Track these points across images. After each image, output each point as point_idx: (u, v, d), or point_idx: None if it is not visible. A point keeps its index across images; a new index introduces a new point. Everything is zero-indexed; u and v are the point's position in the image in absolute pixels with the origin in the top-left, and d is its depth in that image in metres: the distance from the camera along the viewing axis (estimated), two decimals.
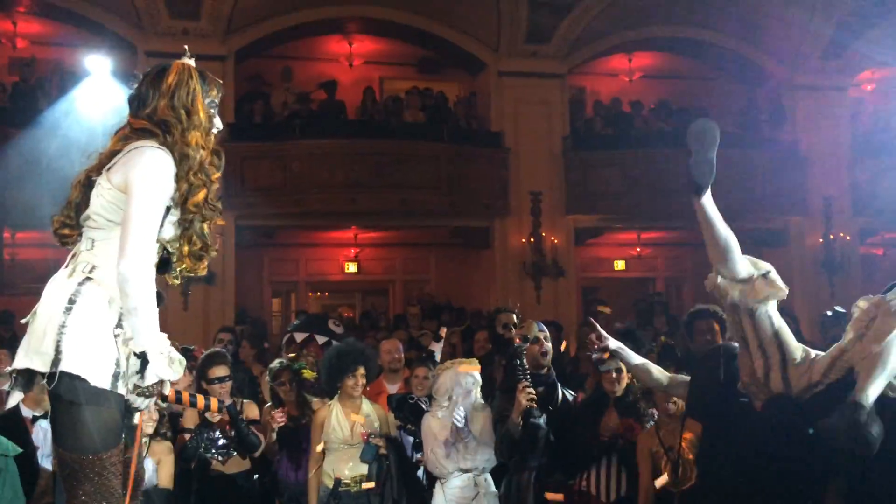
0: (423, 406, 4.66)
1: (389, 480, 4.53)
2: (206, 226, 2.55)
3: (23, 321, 2.46)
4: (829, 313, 7.60)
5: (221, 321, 10.33)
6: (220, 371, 4.80)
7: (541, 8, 12.28)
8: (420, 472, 4.77)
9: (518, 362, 4.34)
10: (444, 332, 6.94)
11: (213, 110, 2.61)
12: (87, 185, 2.50)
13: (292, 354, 5.51)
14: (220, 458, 4.76)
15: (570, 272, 12.70)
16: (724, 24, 13.14)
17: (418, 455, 4.67)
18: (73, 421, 2.31)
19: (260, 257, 14.06)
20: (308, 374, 5.24)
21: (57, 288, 2.40)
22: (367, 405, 4.76)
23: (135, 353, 2.37)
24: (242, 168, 11.65)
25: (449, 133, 12.39)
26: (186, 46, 2.69)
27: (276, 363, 5.31)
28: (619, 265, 15.56)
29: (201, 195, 2.50)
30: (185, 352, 5.10)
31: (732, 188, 12.66)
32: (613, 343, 3.94)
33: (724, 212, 3.41)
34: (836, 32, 12.81)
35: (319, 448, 4.66)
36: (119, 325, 2.38)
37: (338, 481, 4.52)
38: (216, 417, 4.71)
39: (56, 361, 2.29)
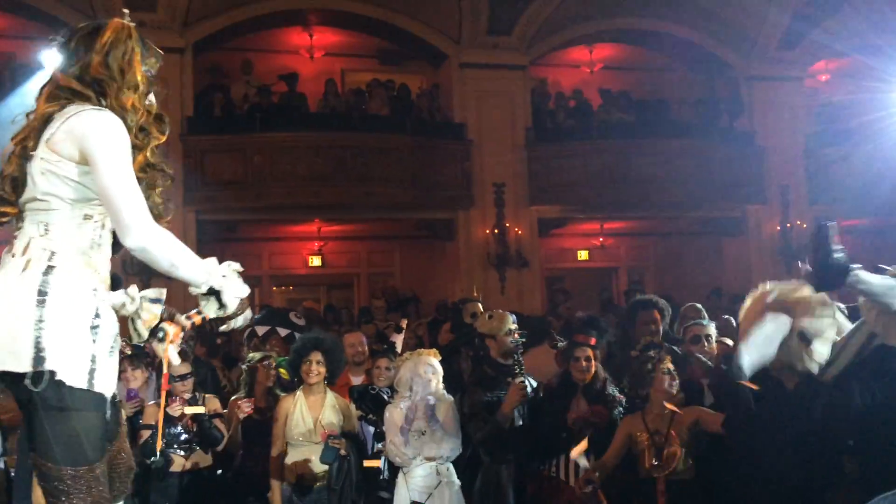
0: (385, 397, 4.68)
1: (349, 480, 4.53)
2: (155, 193, 2.37)
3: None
4: None
5: None
6: (182, 369, 4.74)
7: None
8: (383, 464, 4.78)
9: (515, 359, 4.40)
10: (404, 323, 6.94)
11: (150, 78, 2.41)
12: (23, 156, 2.25)
13: (257, 354, 5.47)
14: (182, 453, 4.72)
15: (534, 263, 12.78)
16: (682, 15, 13.30)
17: (379, 445, 4.69)
18: (63, 429, 2.10)
19: (222, 252, 13.79)
20: (284, 373, 5.21)
21: (14, 281, 2.13)
22: (331, 397, 4.74)
23: (205, 294, 2.30)
24: (203, 162, 11.51)
25: (412, 125, 12.37)
26: (126, 10, 2.52)
27: (257, 354, 5.29)
28: (583, 255, 15.70)
29: (140, 158, 2.31)
30: (139, 349, 5.07)
31: (692, 178, 12.89)
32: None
33: (684, 201, 3.50)
34: (793, 22, 13.04)
35: (279, 441, 4.64)
36: (97, 316, 2.18)
37: (300, 478, 4.51)
38: (177, 412, 4.67)
39: (39, 360, 2.06)
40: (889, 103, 11.55)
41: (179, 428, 4.72)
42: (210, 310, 2.36)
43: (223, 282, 2.32)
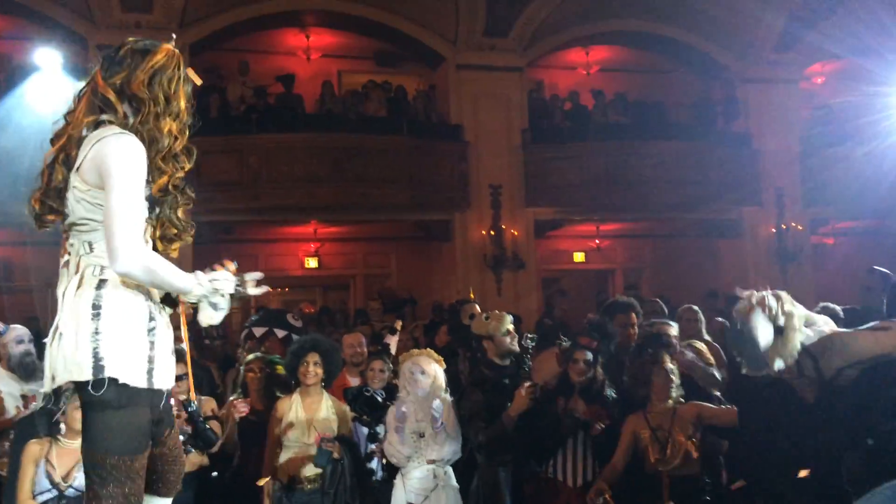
0: (378, 398, 4.69)
1: (343, 483, 4.52)
2: (178, 212, 2.52)
3: (44, 341, 2.42)
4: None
5: (180, 318, 10.17)
6: (178, 369, 4.73)
7: (499, 1, 12.33)
8: (375, 465, 4.78)
9: (525, 361, 4.41)
10: (399, 325, 6.95)
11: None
12: (66, 165, 2.39)
13: (252, 355, 5.46)
14: None
15: (530, 264, 12.79)
16: (679, 17, 13.33)
17: (372, 446, 4.70)
18: (114, 422, 2.31)
19: (218, 253, 13.77)
20: (281, 369, 5.21)
21: (74, 299, 2.33)
22: (327, 399, 4.74)
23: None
24: (199, 163, 11.35)
25: (409, 127, 12.38)
26: (174, 35, 2.65)
27: (251, 355, 5.27)
28: (579, 257, 15.72)
29: (163, 180, 2.43)
30: None
31: (688, 180, 12.91)
32: None
33: (680, 203, 3.56)
34: (789, 25, 13.08)
35: (274, 441, 4.64)
36: (152, 319, 2.39)
37: (292, 479, 4.50)
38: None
39: (99, 368, 2.26)
40: (884, 105, 11.58)
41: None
42: (204, 317, 2.49)
43: (210, 288, 2.44)
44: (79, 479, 4.26)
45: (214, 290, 2.44)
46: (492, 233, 12.55)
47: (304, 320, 7.75)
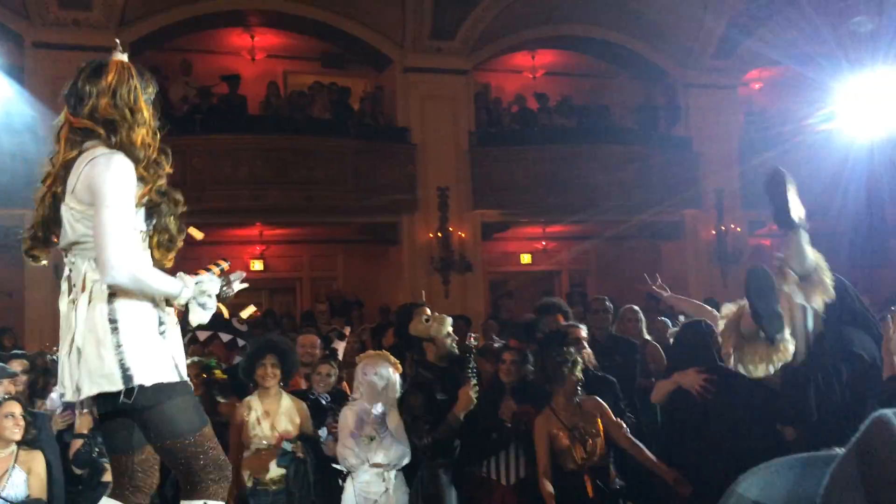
0: (323, 402, 4.66)
1: (306, 482, 4.49)
2: (171, 219, 2.67)
3: (52, 356, 2.64)
4: None
5: None
6: None
7: (445, 4, 12.35)
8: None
9: (470, 361, 4.42)
10: (347, 331, 6.92)
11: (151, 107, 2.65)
12: (54, 201, 2.57)
13: (196, 357, 5.37)
14: None
15: (477, 267, 12.85)
16: (623, 23, 13.56)
17: (322, 443, 4.67)
18: (165, 417, 2.51)
19: None
20: (219, 373, 5.13)
21: (88, 314, 2.48)
22: (286, 399, 4.69)
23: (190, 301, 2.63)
24: None
25: (355, 129, 12.31)
26: (118, 40, 2.72)
27: (187, 360, 5.15)
28: (526, 259, 15.86)
29: (146, 189, 2.57)
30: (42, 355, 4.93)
31: (632, 183, 13.14)
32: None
33: (625, 206, 3.68)
34: (728, 31, 13.42)
35: (236, 448, 4.58)
36: (162, 323, 2.56)
37: (256, 481, 4.46)
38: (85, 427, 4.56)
39: (128, 378, 2.43)
40: (818, 111, 11.97)
41: None
42: (194, 317, 2.68)
43: (197, 290, 2.62)
44: (8, 489, 4.13)
45: (201, 292, 2.62)
46: (439, 235, 12.57)
47: (249, 324, 7.63)
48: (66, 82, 2.64)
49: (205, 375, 5.06)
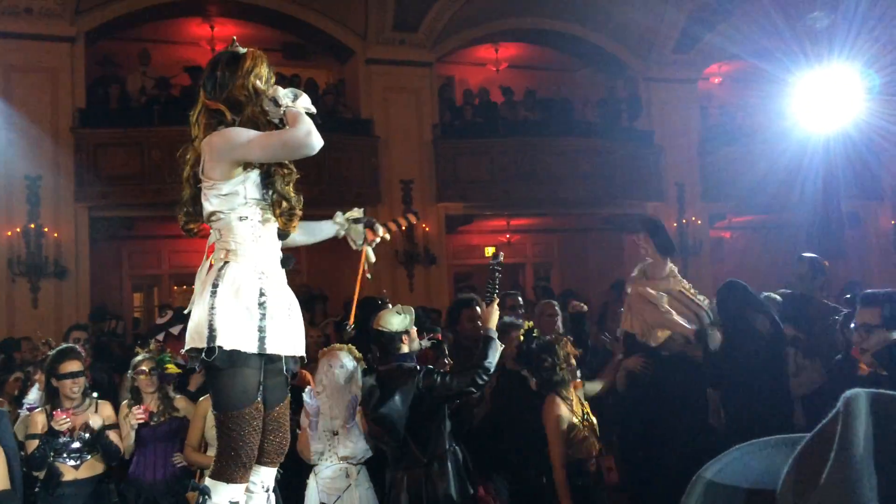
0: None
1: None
2: (287, 188, 2.86)
3: (185, 311, 2.89)
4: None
5: (75, 319, 9.74)
6: (73, 366, 4.56)
7: None
8: None
9: (491, 284, 4.37)
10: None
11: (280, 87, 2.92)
12: (194, 181, 2.91)
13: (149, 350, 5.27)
14: (72, 463, 4.52)
15: (441, 260, 12.84)
16: (585, 16, 13.62)
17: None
18: (218, 385, 2.72)
19: (118, 250, 13.35)
20: (172, 368, 5.04)
21: (204, 277, 2.82)
22: None
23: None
24: (96, 156, 11.02)
25: (318, 121, 12.15)
26: (235, 37, 3.07)
27: (139, 356, 5.07)
28: (490, 252, 15.87)
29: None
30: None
31: (595, 175, 13.22)
32: None
33: (588, 199, 3.78)
34: (688, 26, 13.56)
35: (196, 439, 4.51)
36: (262, 294, 2.72)
37: None
38: (64, 426, 4.46)
39: (212, 338, 2.64)
40: (777, 105, 12.15)
41: (68, 436, 4.51)
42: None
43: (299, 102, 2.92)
44: None
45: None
46: (404, 228, 12.50)
47: None
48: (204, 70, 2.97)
49: (159, 370, 4.96)
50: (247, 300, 2.71)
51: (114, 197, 11.04)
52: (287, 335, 2.79)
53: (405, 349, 4.15)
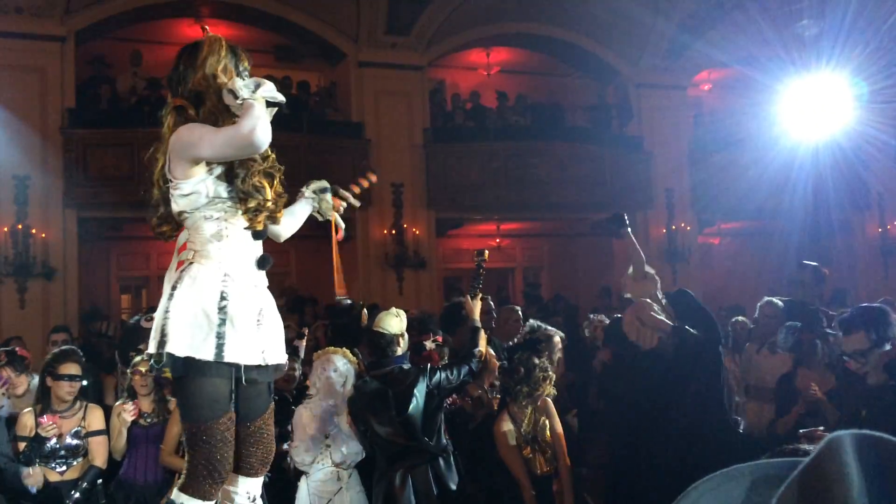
0: (289, 398, 4.59)
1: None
2: (253, 180, 2.67)
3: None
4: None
5: (63, 320, 9.67)
6: (72, 369, 4.53)
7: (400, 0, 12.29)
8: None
9: (476, 279, 4.54)
10: (305, 330, 6.85)
11: (246, 78, 2.68)
12: (163, 181, 2.70)
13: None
14: (59, 469, 4.49)
15: (431, 263, 12.82)
16: (576, 22, 13.66)
17: (285, 445, 4.59)
18: (182, 394, 2.60)
19: (106, 251, 13.28)
20: (168, 373, 5.00)
21: (167, 280, 2.71)
22: None
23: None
24: (85, 156, 10.96)
25: (309, 124, 12.17)
26: (206, 27, 2.85)
27: (137, 357, 5.03)
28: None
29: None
30: (14, 356, 4.78)
31: (585, 181, 13.26)
32: None
33: (579, 204, 3.81)
34: (678, 33, 13.62)
35: (172, 442, 4.48)
36: (224, 299, 2.55)
37: None
38: (51, 432, 4.42)
39: (162, 343, 2.50)
40: (766, 112, 12.22)
41: (55, 441, 4.48)
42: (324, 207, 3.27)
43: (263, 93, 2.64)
44: None
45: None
46: (393, 232, 12.51)
47: None
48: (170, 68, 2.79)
49: (155, 372, 4.93)
50: (206, 304, 2.54)
51: (102, 197, 10.97)
52: (252, 343, 2.58)
53: (400, 351, 4.17)
